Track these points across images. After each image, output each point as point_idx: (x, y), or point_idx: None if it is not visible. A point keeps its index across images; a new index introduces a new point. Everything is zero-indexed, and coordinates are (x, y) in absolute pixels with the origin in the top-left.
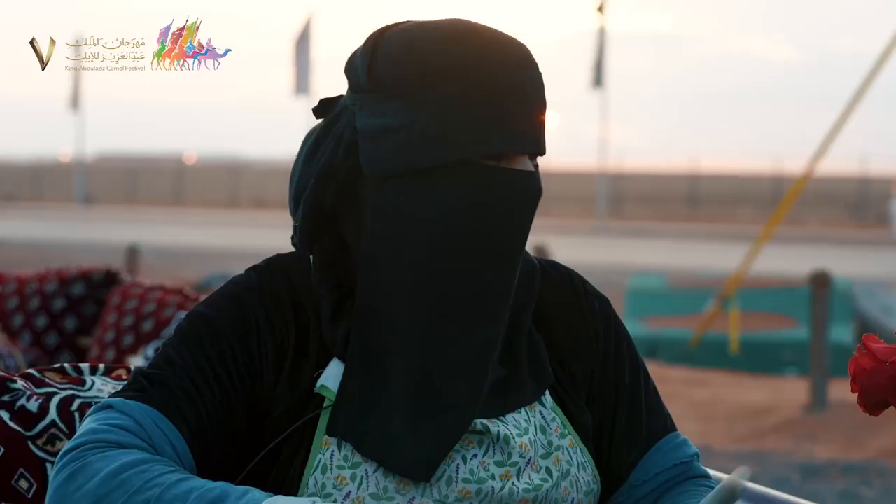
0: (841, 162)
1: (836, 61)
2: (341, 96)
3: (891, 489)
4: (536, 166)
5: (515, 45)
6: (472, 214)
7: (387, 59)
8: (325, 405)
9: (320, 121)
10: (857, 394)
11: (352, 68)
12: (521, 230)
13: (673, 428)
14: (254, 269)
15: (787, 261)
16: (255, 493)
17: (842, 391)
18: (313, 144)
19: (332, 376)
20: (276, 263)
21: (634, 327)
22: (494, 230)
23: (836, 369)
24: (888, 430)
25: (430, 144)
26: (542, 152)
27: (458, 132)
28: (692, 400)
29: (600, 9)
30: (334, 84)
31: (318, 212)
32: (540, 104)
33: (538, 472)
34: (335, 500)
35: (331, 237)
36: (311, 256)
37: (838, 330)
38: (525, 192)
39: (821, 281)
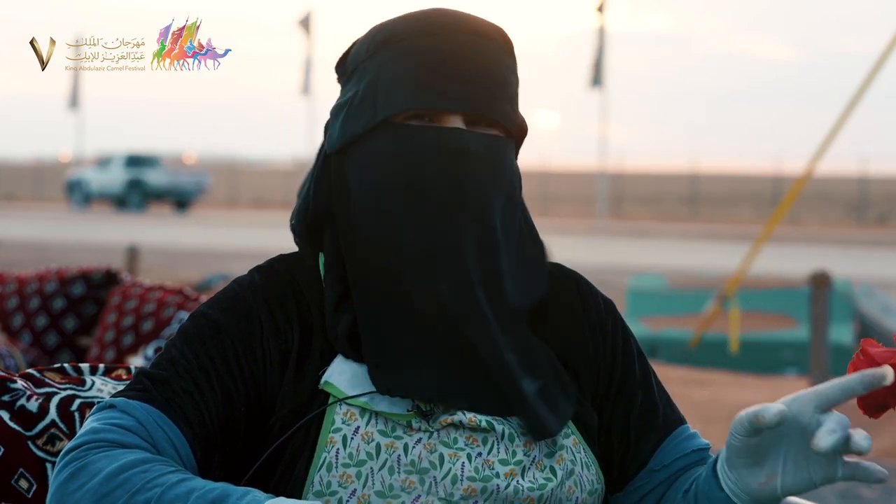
0: (841, 162)
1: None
2: None
3: (891, 489)
4: (502, 135)
5: (480, 22)
6: (401, 171)
7: (355, 45)
8: (329, 402)
9: None
10: (856, 398)
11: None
12: (461, 186)
13: (685, 421)
14: (257, 269)
15: (787, 261)
16: (255, 493)
17: None
18: None
19: (336, 372)
20: (279, 262)
21: (634, 327)
22: (428, 187)
23: (836, 369)
24: (888, 430)
25: (362, 111)
26: (474, 111)
27: (385, 94)
28: (692, 400)
29: (600, 8)
30: (335, 84)
31: (315, 192)
32: (484, 69)
33: (542, 471)
34: (340, 499)
35: (334, 227)
36: (320, 253)
37: (838, 330)
38: (450, 148)
39: (821, 281)
